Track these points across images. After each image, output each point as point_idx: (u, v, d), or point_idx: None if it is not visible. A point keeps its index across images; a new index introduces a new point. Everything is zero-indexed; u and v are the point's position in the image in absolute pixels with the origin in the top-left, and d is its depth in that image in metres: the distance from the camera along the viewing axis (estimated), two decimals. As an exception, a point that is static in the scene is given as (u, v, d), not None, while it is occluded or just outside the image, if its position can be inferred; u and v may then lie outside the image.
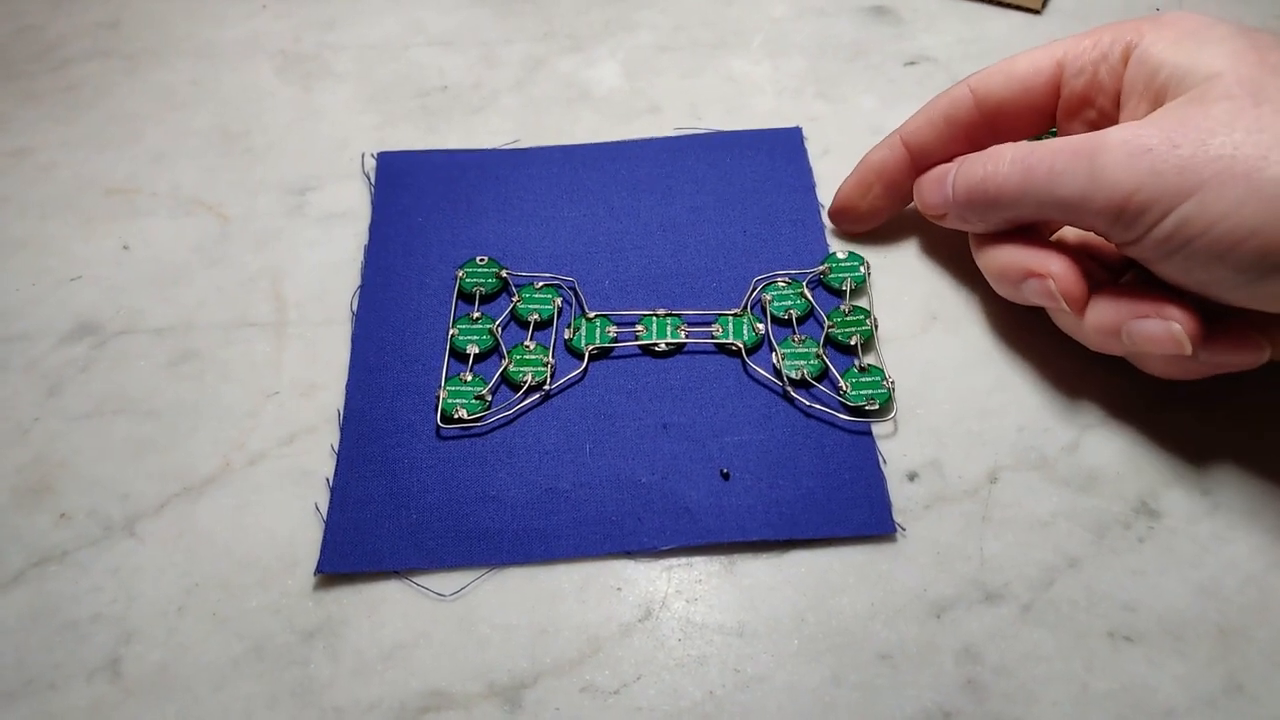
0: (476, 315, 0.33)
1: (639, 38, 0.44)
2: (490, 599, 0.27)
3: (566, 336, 0.33)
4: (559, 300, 0.34)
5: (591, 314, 0.33)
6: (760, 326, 0.33)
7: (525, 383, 0.31)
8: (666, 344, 0.32)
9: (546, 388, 0.31)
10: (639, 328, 0.33)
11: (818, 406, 0.31)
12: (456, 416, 0.31)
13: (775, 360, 0.32)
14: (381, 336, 0.33)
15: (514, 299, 0.34)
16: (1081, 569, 0.27)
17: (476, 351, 0.32)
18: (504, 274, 0.34)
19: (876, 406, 0.31)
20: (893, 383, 0.31)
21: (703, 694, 0.26)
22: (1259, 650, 0.26)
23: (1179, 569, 0.27)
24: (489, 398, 0.31)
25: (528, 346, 0.32)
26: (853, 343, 0.32)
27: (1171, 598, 0.27)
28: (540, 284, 0.34)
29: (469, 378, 0.32)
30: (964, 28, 0.44)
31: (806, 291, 0.34)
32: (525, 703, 0.26)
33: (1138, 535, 0.28)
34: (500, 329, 0.33)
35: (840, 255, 0.35)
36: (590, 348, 0.32)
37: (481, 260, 0.35)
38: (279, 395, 0.32)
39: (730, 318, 0.33)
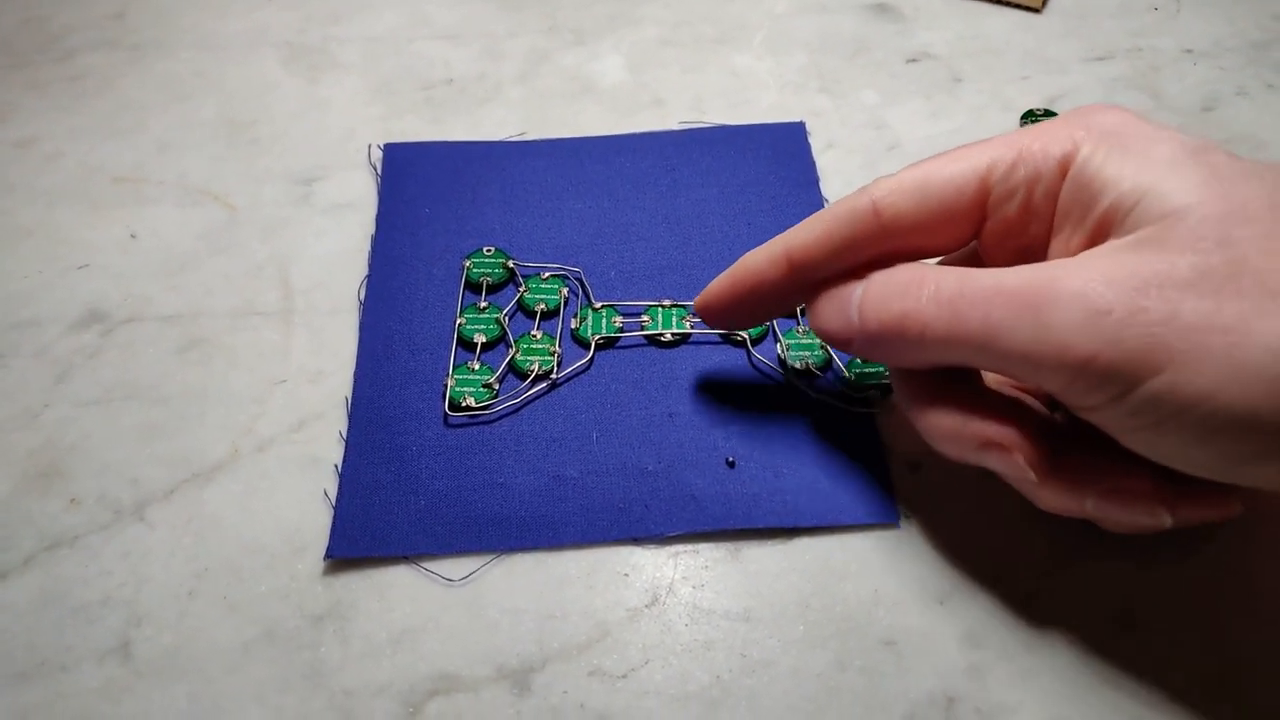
0: (483, 305, 0.34)
1: (642, 32, 0.45)
2: (499, 584, 0.28)
3: (573, 326, 0.33)
4: (565, 290, 0.34)
5: (598, 304, 0.34)
6: (765, 318, 0.33)
7: (532, 372, 0.32)
8: (672, 334, 0.33)
9: (553, 377, 0.32)
10: (645, 318, 0.33)
11: (821, 397, 0.31)
12: (464, 404, 0.31)
13: (779, 351, 0.32)
14: (389, 325, 0.33)
15: (520, 289, 0.34)
16: (1083, 556, 0.28)
17: (484, 340, 0.33)
18: (510, 264, 0.35)
19: (880, 398, 0.31)
20: (896, 373, 0.32)
21: (710, 678, 0.26)
22: (1256, 630, 0.26)
23: (1180, 556, 0.28)
24: (496, 386, 0.31)
25: (534, 336, 0.33)
26: (856, 334, 0.33)
27: (1172, 584, 0.27)
28: (546, 274, 0.35)
29: (476, 366, 0.32)
30: (964, 25, 0.45)
31: (810, 283, 0.34)
32: (534, 686, 0.26)
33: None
34: (507, 318, 0.33)
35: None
36: (596, 337, 0.33)
37: (488, 250, 0.35)
38: (287, 383, 0.32)
39: (735, 309, 0.33)
